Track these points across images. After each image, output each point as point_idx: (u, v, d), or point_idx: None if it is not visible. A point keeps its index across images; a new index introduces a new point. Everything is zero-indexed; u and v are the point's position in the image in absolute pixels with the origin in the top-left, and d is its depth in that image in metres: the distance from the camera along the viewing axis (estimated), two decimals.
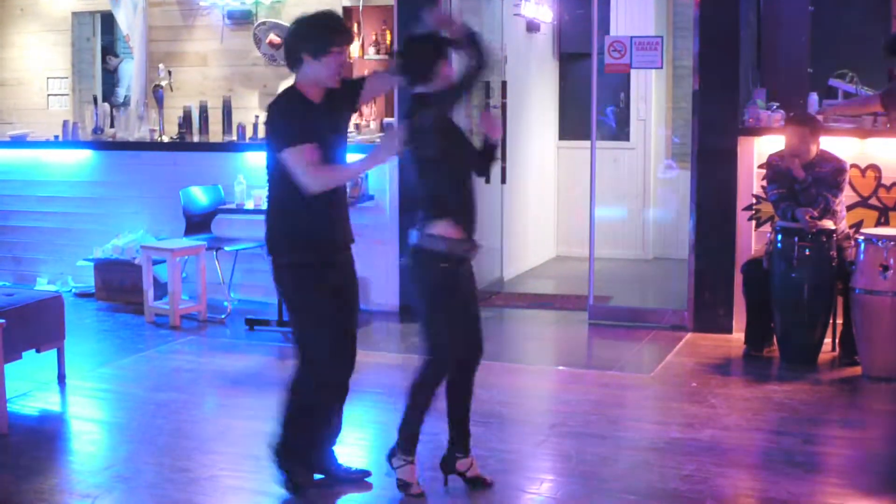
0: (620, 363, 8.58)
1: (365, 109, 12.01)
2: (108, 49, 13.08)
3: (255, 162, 10.58)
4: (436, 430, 6.02)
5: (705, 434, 6.77)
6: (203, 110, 11.19)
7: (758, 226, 9.18)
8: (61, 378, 8.09)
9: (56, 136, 11.63)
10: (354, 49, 11.61)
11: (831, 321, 8.49)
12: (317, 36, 5.62)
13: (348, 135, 6.23)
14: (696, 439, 6.68)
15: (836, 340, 8.54)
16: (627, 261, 12.69)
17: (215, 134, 11.22)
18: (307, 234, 5.80)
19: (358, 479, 6.06)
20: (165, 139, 11.20)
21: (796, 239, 8.20)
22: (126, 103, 12.32)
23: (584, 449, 6.53)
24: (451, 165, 5.65)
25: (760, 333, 8.64)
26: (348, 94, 5.90)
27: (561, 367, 8.65)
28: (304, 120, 5.61)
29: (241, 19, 11.59)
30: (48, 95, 12.55)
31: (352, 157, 5.96)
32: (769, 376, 8.15)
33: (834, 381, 8.02)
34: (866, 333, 8.01)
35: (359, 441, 6.70)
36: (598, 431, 6.88)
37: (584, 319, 9.92)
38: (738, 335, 9.00)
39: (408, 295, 10.23)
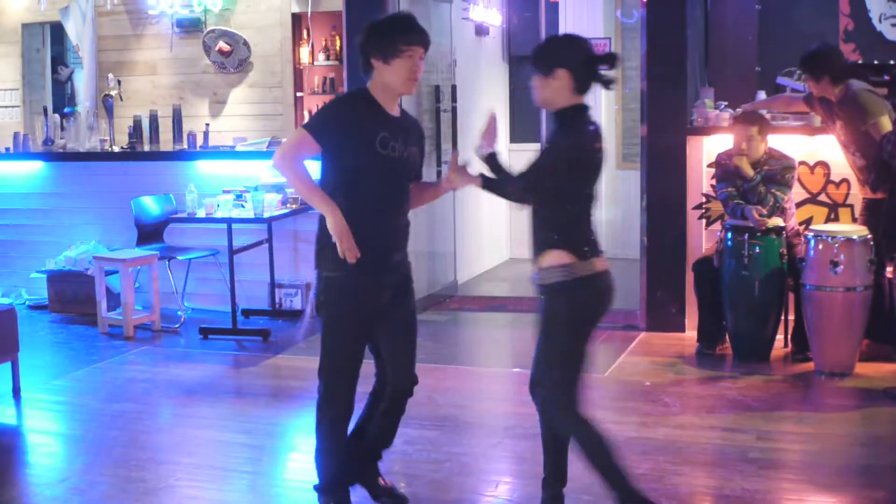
0: None
1: None
2: (59, 61, 13.03)
3: (207, 170, 10.57)
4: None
5: (660, 433, 6.81)
6: (153, 119, 11.17)
7: (708, 224, 9.24)
8: (16, 391, 8.06)
9: (7, 148, 11.58)
10: (304, 56, 11.63)
11: (783, 318, 8.56)
12: (390, 39, 5.23)
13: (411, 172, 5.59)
14: (651, 438, 6.72)
15: (788, 337, 8.61)
16: None
17: (166, 143, 11.20)
18: None
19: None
20: (116, 149, 11.18)
21: (746, 237, 8.26)
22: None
23: (538, 450, 6.51)
24: None
25: (713, 331, 8.69)
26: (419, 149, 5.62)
27: (516, 370, 8.67)
28: (353, 114, 5.25)
29: (190, 27, 11.58)
30: None
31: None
32: (722, 374, 8.21)
33: (786, 377, 8.08)
34: (818, 329, 8.07)
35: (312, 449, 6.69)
36: None
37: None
38: (690, 333, 9.06)
39: None
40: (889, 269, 7.65)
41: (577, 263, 5.10)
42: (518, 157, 13.12)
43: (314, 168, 5.32)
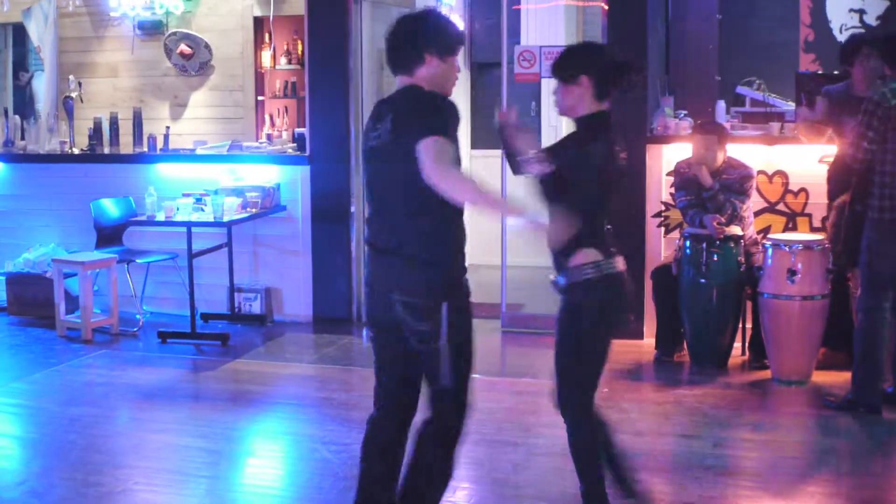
0: (533, 370, 8.63)
1: (277, 119, 12.02)
2: (20, 62, 12.97)
3: (167, 173, 10.54)
4: None
5: (617, 439, 6.83)
6: (114, 121, 11.13)
7: (667, 232, 9.28)
8: None
9: None
10: (266, 59, 11.62)
11: (740, 325, 8.60)
12: (447, 33, 4.96)
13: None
14: None
15: (746, 344, 8.65)
16: (539, 268, 12.62)
17: (126, 145, 11.16)
18: None
19: None
20: (76, 151, 11.12)
21: (704, 245, 8.30)
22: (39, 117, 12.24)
23: (496, 456, 6.58)
24: None
25: (671, 338, 8.73)
26: None
27: (474, 375, 8.67)
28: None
29: (151, 30, 11.55)
30: None
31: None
32: (680, 381, 8.25)
33: (744, 384, 8.12)
34: (775, 337, 8.11)
35: (271, 453, 6.70)
36: (511, 438, 6.92)
37: (496, 327, 9.98)
38: (648, 340, 9.08)
39: (320, 305, 10.26)
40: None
41: (604, 261, 5.18)
42: (479, 163, 13.19)
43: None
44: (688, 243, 8.42)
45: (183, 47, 11.42)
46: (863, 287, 7.37)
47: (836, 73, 9.41)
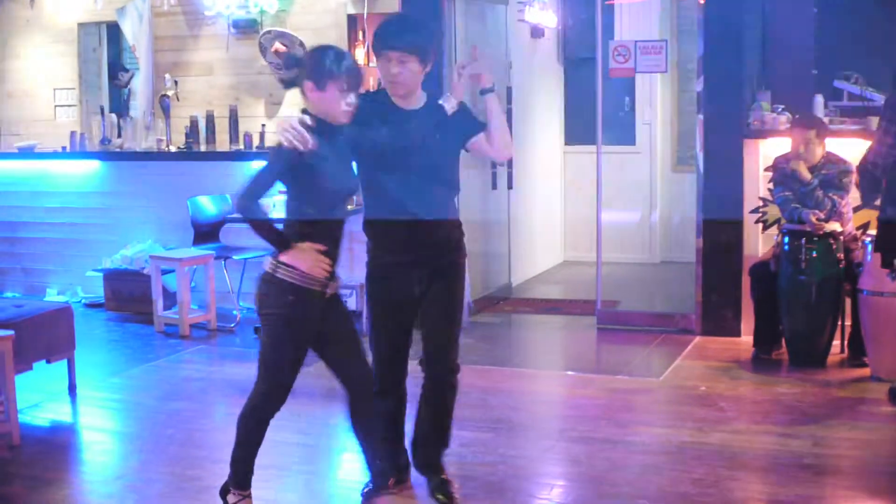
0: (629, 367, 8.59)
1: None
2: (115, 61, 13.09)
3: None
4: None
5: (715, 437, 6.78)
6: (209, 120, 11.23)
7: (765, 228, 9.19)
8: (72, 388, 8.11)
9: (63, 148, 11.68)
10: (360, 57, 11.64)
11: (839, 323, 8.50)
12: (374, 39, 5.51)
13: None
14: (706, 443, 6.69)
15: (845, 342, 8.55)
16: (635, 265, 12.70)
17: (222, 143, 11.25)
18: None
19: None
20: (172, 149, 11.23)
21: (803, 241, 8.22)
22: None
23: (593, 453, 6.54)
24: None
25: (769, 336, 8.64)
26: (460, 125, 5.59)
27: (569, 372, 8.67)
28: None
29: (246, 28, 11.59)
30: (55, 107, 12.57)
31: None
32: (778, 379, 8.15)
33: (843, 382, 8.02)
34: (874, 335, 8.01)
35: None
36: (608, 436, 6.88)
37: (592, 324, 9.93)
38: (746, 338, 9.01)
39: None
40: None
41: None
42: (573, 159, 13.16)
43: None
44: (786, 239, 8.34)
45: (277, 45, 11.45)
46: None
47: None
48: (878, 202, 7.58)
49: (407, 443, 5.95)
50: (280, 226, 5.41)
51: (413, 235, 5.54)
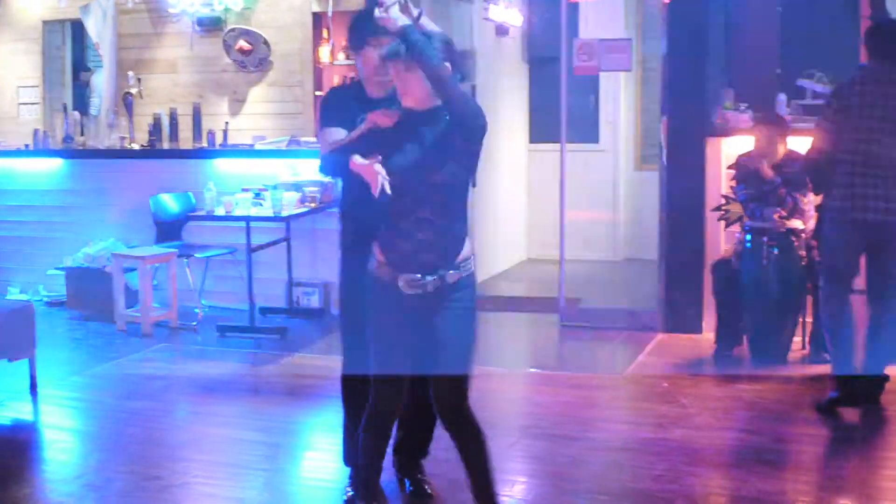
0: (592, 364, 8.62)
1: None
2: (79, 59, 13.04)
3: (226, 168, 10.59)
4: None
5: (676, 434, 6.80)
6: (173, 117, 11.20)
7: (727, 226, 9.21)
8: (33, 387, 8.06)
9: (26, 145, 11.63)
10: (324, 55, 11.62)
11: (801, 320, 8.53)
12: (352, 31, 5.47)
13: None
14: (668, 439, 6.71)
15: (806, 339, 8.58)
16: (598, 262, 12.71)
17: (185, 141, 11.23)
18: None
19: None
20: (135, 147, 11.20)
21: (765, 239, 8.25)
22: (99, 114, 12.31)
23: (555, 450, 6.55)
24: None
25: (731, 333, 8.67)
26: None
27: (532, 370, 8.67)
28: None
29: (210, 26, 11.56)
30: (19, 104, 12.51)
31: None
32: (739, 375, 8.18)
33: (803, 379, 8.05)
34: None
35: (329, 447, 6.69)
36: (570, 433, 6.90)
37: (555, 321, 9.94)
38: (708, 335, 9.03)
39: None
40: None
41: None
42: (538, 157, 13.16)
43: None
44: (748, 237, 8.37)
45: (242, 43, 11.42)
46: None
47: None
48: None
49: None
50: None
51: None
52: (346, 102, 5.43)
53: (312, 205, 9.78)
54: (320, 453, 6.54)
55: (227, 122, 11.16)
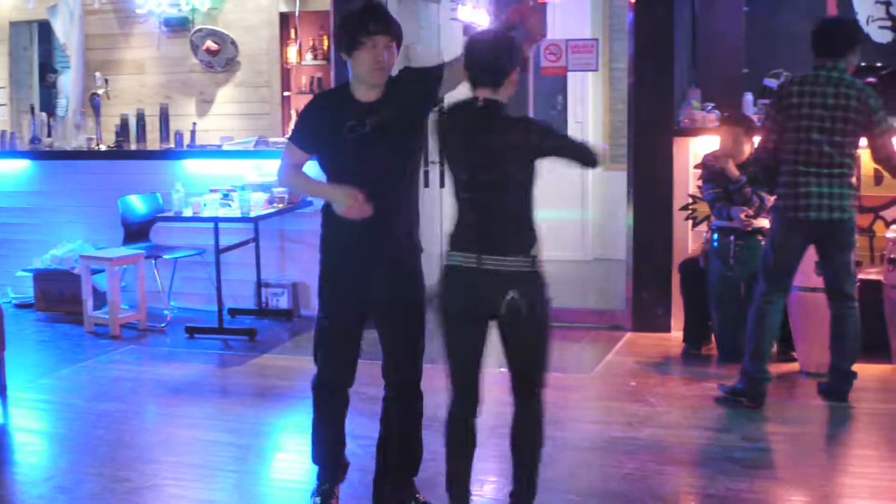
0: (560, 364, 8.60)
1: None
2: (46, 59, 13.00)
3: (193, 169, 10.56)
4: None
5: (645, 433, 6.82)
6: (140, 118, 11.17)
7: (694, 225, 9.25)
8: (1, 389, 8.04)
9: None
10: (292, 55, 11.62)
11: None
12: (345, 31, 5.26)
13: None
14: (636, 438, 6.73)
15: None
16: (567, 262, 12.70)
17: (153, 142, 11.21)
18: None
19: None
20: (103, 148, 11.17)
21: (732, 238, 8.29)
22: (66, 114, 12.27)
23: None
24: None
25: (699, 331, 8.71)
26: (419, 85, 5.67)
27: (502, 369, 8.64)
28: (321, 112, 5.38)
29: (177, 26, 11.56)
30: None
31: None
32: (708, 374, 8.21)
33: (772, 377, 8.08)
34: (803, 330, 8.09)
35: (299, 448, 6.70)
36: None
37: None
38: (676, 334, 9.07)
39: None
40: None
41: None
42: None
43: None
44: (715, 236, 8.41)
45: (209, 43, 11.42)
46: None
47: (863, 64, 9.37)
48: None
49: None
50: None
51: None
52: (333, 106, 5.35)
53: (280, 205, 9.77)
54: (289, 454, 6.54)
55: (194, 123, 11.15)
